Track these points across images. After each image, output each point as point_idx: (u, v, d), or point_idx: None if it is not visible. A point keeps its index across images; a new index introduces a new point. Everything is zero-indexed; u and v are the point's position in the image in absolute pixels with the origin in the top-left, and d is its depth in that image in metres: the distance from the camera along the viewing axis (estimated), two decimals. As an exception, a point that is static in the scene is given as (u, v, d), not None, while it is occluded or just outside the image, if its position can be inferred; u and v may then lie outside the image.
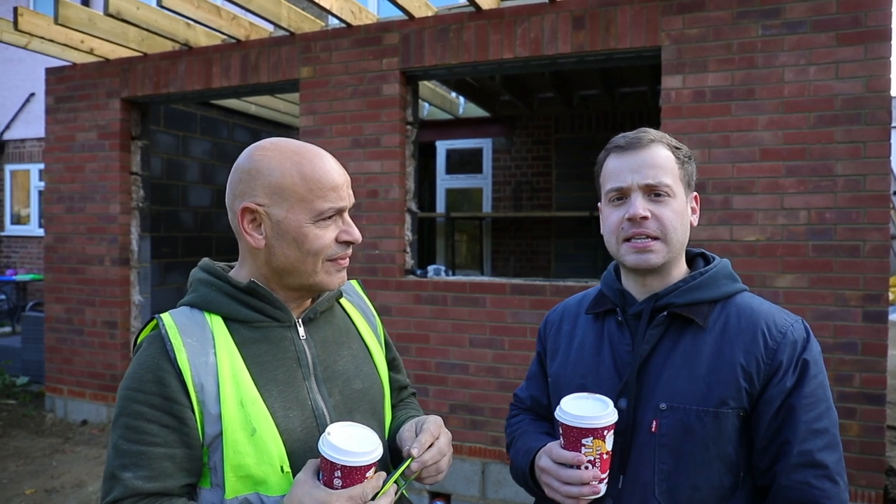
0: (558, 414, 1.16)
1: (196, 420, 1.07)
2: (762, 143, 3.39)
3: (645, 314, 1.26)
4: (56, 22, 4.35)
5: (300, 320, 1.21)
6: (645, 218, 1.22)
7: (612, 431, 1.15)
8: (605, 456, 1.14)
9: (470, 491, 4.07)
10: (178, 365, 1.08)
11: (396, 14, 4.41)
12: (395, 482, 1.10)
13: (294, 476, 1.07)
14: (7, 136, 10.23)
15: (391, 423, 1.39)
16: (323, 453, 1.01)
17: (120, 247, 5.16)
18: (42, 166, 9.24)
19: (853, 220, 3.24)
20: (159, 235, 5.89)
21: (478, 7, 3.92)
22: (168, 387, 1.07)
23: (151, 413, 1.06)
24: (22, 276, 9.22)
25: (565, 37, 3.81)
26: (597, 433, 1.13)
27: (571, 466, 1.15)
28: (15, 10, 4.51)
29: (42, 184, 8.92)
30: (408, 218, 4.28)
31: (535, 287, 3.89)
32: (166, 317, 1.14)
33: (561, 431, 1.16)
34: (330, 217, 1.14)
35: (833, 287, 3.28)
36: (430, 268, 4.60)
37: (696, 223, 1.32)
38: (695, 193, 1.33)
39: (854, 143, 3.24)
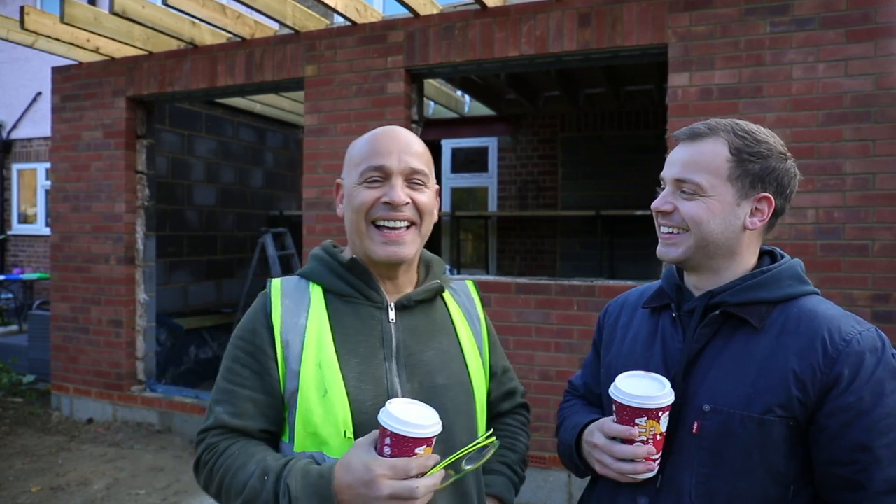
0: (612, 391, 1.15)
1: (279, 372, 1.19)
2: (770, 141, 3.36)
3: (697, 311, 1.22)
4: (62, 21, 4.36)
5: (393, 304, 1.27)
6: (664, 212, 1.23)
7: (666, 413, 1.12)
8: (658, 437, 1.12)
9: (475, 491, 4.05)
10: (271, 320, 1.21)
11: (401, 12, 4.40)
12: (448, 470, 1.07)
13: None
14: (14, 136, 10.28)
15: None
16: (378, 419, 1.04)
17: (125, 245, 5.17)
18: (48, 165, 9.28)
19: (862, 219, 3.21)
20: (164, 234, 5.89)
21: (483, 5, 3.90)
22: (260, 337, 1.21)
23: (244, 358, 1.21)
24: (28, 275, 9.25)
25: (571, 34, 3.79)
26: (651, 413, 1.11)
27: (624, 442, 1.14)
28: (21, 9, 4.52)
29: (48, 183, 8.96)
30: (413, 217, 4.26)
31: (541, 286, 3.87)
32: (275, 280, 1.29)
33: (615, 409, 1.15)
34: (376, 179, 1.22)
35: (841, 287, 3.25)
36: (435, 267, 4.58)
37: (752, 227, 1.21)
38: (763, 194, 1.21)
39: (863, 141, 3.21)
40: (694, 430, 1.15)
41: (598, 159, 7.15)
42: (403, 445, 1.00)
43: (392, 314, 1.25)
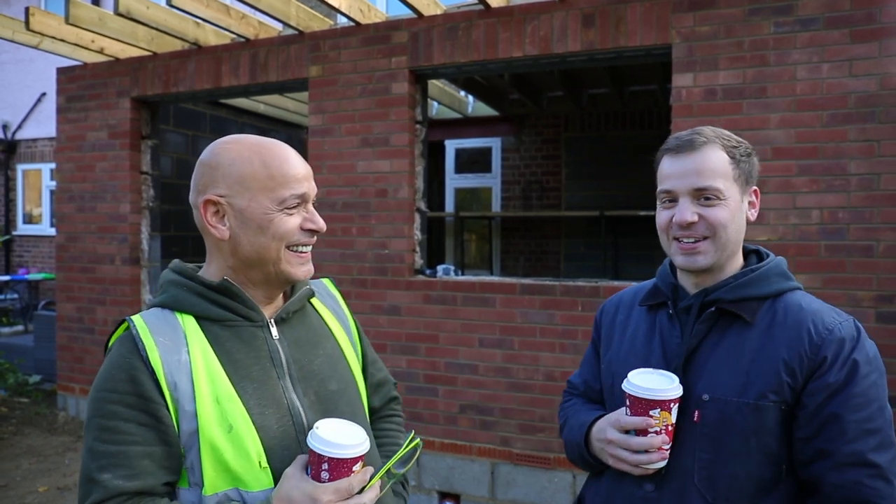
0: (626, 386, 1.23)
1: (172, 418, 1.08)
2: (774, 141, 3.36)
3: (694, 309, 1.30)
4: (67, 21, 4.37)
5: (272, 320, 1.22)
6: (692, 223, 1.26)
7: (677, 405, 1.21)
8: (670, 427, 1.21)
9: (479, 491, 4.06)
10: (150, 364, 1.08)
11: (405, 12, 4.40)
12: (382, 478, 1.13)
13: (272, 471, 1.10)
14: (19, 136, 10.31)
15: (375, 435, 1.39)
16: (311, 446, 1.04)
17: (130, 246, 5.19)
18: (53, 166, 9.30)
19: (866, 220, 3.21)
20: (169, 235, 5.91)
21: (487, 5, 3.90)
22: (142, 385, 1.07)
23: (127, 412, 1.06)
24: (34, 276, 9.28)
25: (575, 35, 3.79)
26: (664, 405, 1.19)
27: (638, 434, 1.22)
28: (26, 10, 4.53)
29: (53, 183, 8.98)
30: (417, 217, 4.27)
31: (545, 287, 3.87)
32: (137, 318, 1.15)
33: (629, 403, 1.23)
34: (294, 206, 1.17)
35: (846, 287, 3.24)
36: (440, 267, 4.59)
37: (753, 218, 1.33)
38: (754, 188, 1.33)
39: (868, 141, 3.20)
40: (695, 419, 1.23)
41: (601, 160, 7.14)
42: (342, 467, 1.04)
43: (274, 330, 1.21)
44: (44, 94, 9.87)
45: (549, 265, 7.42)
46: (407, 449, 1.16)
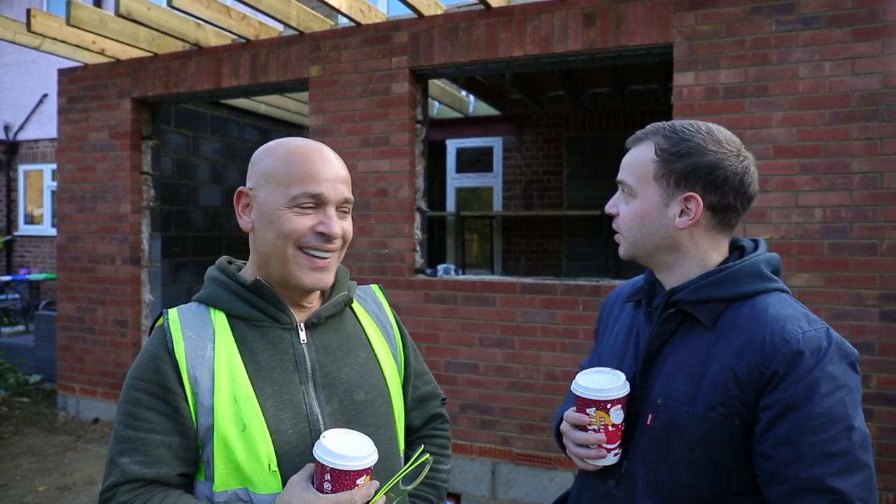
0: (572, 383, 1.24)
1: (190, 410, 1.10)
2: (776, 140, 3.35)
3: (659, 308, 1.25)
4: (68, 23, 4.37)
5: (302, 324, 1.21)
6: (609, 215, 1.31)
7: (617, 406, 1.18)
8: (610, 428, 1.19)
9: (479, 491, 4.05)
10: (175, 356, 1.11)
11: (406, 13, 4.40)
12: (388, 493, 1.09)
13: (282, 476, 1.09)
14: (21, 137, 10.31)
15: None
16: (315, 456, 1.03)
17: (131, 246, 5.19)
18: (55, 166, 9.31)
19: (869, 218, 3.19)
20: (170, 235, 5.91)
21: (487, 5, 3.89)
22: (165, 376, 1.11)
23: (149, 400, 1.10)
24: (35, 276, 9.29)
25: (575, 34, 3.78)
26: (599, 405, 1.17)
27: (580, 429, 1.22)
28: (28, 11, 4.54)
29: (55, 184, 9.00)
30: (417, 217, 4.26)
31: (546, 286, 3.86)
32: (172, 311, 1.19)
33: (574, 399, 1.24)
34: (308, 206, 1.13)
35: (849, 286, 3.23)
36: (440, 267, 4.58)
37: (682, 226, 1.19)
38: (689, 193, 1.18)
39: (870, 139, 3.19)
40: (648, 422, 1.20)
41: (603, 159, 7.12)
42: (345, 479, 1.01)
43: (303, 334, 1.19)
44: (45, 96, 9.88)
45: (551, 264, 7.41)
46: (414, 465, 1.11)
